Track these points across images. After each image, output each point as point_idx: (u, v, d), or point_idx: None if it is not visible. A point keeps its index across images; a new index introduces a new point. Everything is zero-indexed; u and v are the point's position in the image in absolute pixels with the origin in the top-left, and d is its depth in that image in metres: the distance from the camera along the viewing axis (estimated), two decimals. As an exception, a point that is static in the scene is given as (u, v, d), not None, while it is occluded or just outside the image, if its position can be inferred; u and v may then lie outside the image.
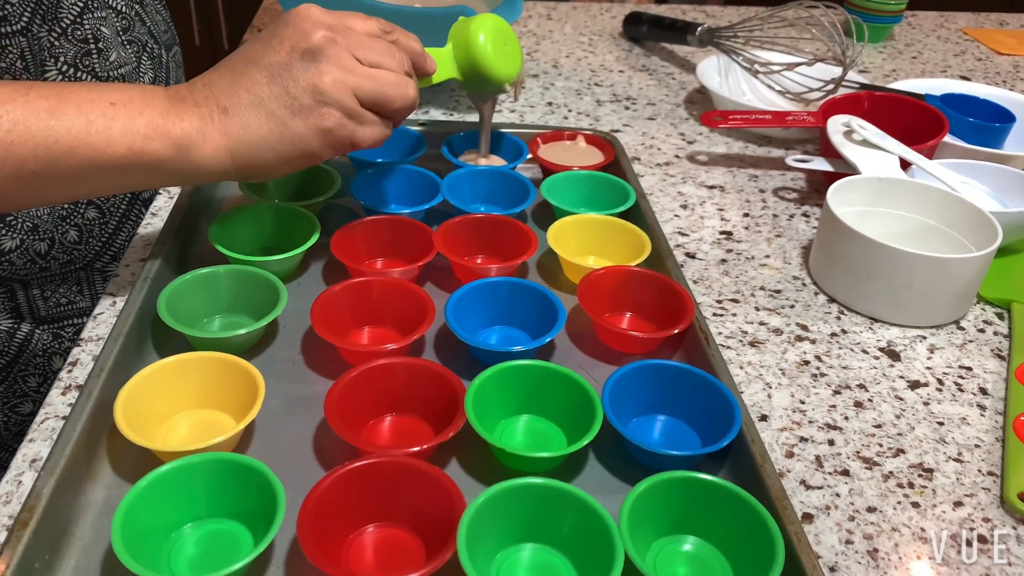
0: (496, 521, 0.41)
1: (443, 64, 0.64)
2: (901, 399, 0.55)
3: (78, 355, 0.53)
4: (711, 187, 0.80)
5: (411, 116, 0.87)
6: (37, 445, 0.47)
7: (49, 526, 0.40)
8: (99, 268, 0.72)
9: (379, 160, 0.71)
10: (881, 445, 0.52)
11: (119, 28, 0.68)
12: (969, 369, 0.59)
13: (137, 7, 0.71)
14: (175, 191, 0.71)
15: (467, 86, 0.67)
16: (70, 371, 0.52)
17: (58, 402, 0.50)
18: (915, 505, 0.48)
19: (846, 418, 0.53)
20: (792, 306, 0.64)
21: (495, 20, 0.65)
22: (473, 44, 0.63)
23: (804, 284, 0.66)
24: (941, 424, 0.54)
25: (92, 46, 0.65)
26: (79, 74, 0.65)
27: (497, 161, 0.74)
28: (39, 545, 0.40)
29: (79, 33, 0.64)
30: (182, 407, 0.49)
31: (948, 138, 0.81)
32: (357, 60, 0.52)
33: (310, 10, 0.52)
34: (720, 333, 0.60)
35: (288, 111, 0.51)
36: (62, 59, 0.63)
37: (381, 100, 0.53)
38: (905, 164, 0.75)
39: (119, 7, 0.68)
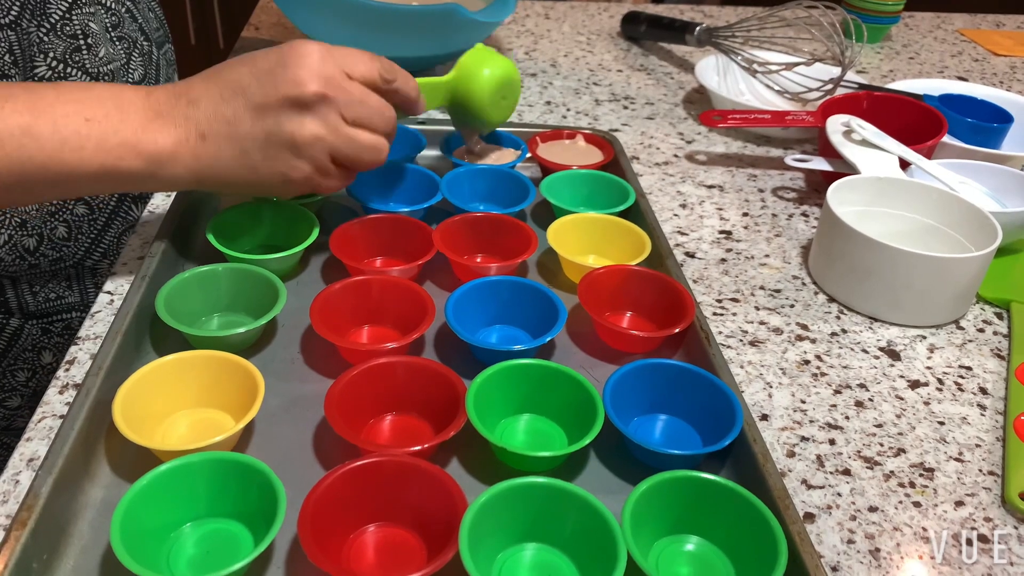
0: (498, 521, 0.41)
1: (432, 97, 0.66)
2: (901, 399, 0.55)
3: (75, 354, 0.53)
4: (710, 187, 0.80)
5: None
6: (34, 444, 0.46)
7: (47, 526, 0.40)
8: (89, 266, 0.71)
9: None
10: (882, 445, 0.52)
11: (108, 24, 0.68)
12: (969, 369, 0.59)
13: (128, 4, 0.71)
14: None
15: (450, 111, 0.70)
16: (67, 370, 0.51)
17: (55, 401, 0.49)
18: (916, 505, 0.48)
19: (847, 417, 0.53)
20: (792, 305, 0.64)
21: (507, 68, 0.67)
22: (479, 90, 0.66)
23: (804, 284, 0.66)
24: (942, 424, 0.54)
25: (81, 42, 0.65)
26: (68, 69, 0.65)
27: (500, 155, 0.74)
28: (37, 545, 0.39)
29: (68, 29, 0.63)
30: (181, 406, 0.48)
31: (946, 138, 0.81)
32: (344, 118, 0.52)
33: (311, 56, 0.51)
34: (720, 332, 0.60)
35: (261, 155, 0.52)
36: (51, 55, 0.63)
37: (353, 160, 0.54)
38: (904, 164, 0.75)
39: (108, 3, 0.68)
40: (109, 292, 0.58)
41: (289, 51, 0.52)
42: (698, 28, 1.04)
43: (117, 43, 0.69)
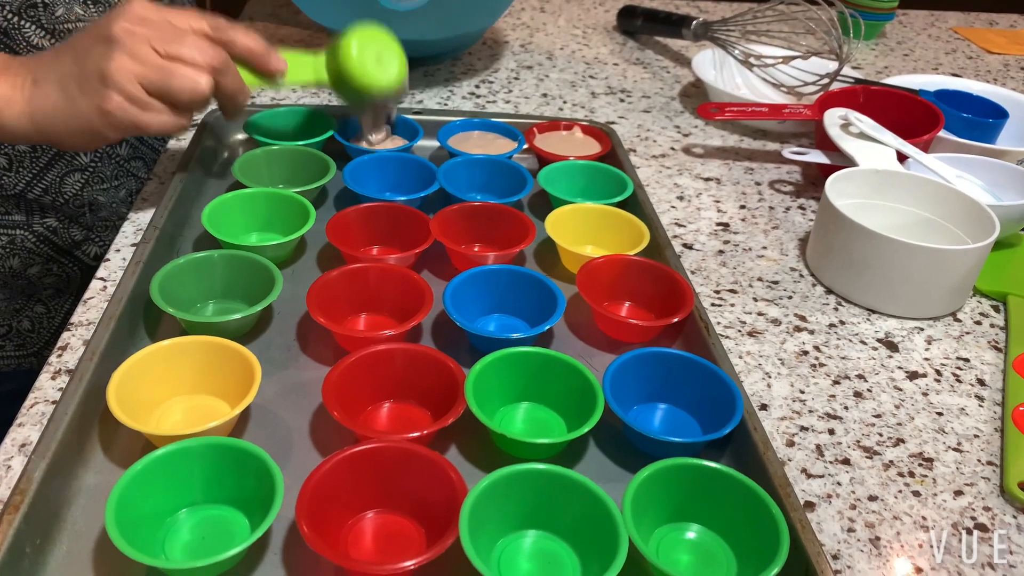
0: (498, 508, 0.41)
1: (306, 67, 0.66)
2: (900, 389, 0.55)
3: (68, 339, 0.52)
4: (707, 179, 0.80)
5: (406, 105, 0.87)
6: (27, 430, 0.46)
7: (40, 511, 0.39)
8: (31, 199, 0.72)
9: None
10: (881, 435, 0.51)
11: None
12: (967, 360, 0.59)
13: None
14: (166, 177, 0.70)
15: (340, 94, 0.69)
16: (60, 355, 0.51)
17: (48, 386, 0.49)
18: (916, 494, 0.48)
19: (846, 408, 0.53)
20: (790, 297, 0.64)
21: (372, 30, 0.67)
22: (342, 51, 0.65)
23: (801, 275, 0.66)
24: (940, 414, 0.54)
25: None
26: (23, 22, 0.66)
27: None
28: (30, 530, 0.39)
29: None
30: (176, 392, 0.48)
31: (942, 133, 0.81)
32: (156, 51, 0.55)
33: (131, 5, 0.56)
34: (719, 323, 0.60)
35: (78, 89, 0.55)
36: (7, 7, 0.64)
37: (166, 90, 0.55)
38: (901, 158, 0.75)
39: None
40: (102, 278, 0.58)
41: (117, 6, 0.56)
42: (695, 22, 1.04)
43: (89, 5, 0.69)
